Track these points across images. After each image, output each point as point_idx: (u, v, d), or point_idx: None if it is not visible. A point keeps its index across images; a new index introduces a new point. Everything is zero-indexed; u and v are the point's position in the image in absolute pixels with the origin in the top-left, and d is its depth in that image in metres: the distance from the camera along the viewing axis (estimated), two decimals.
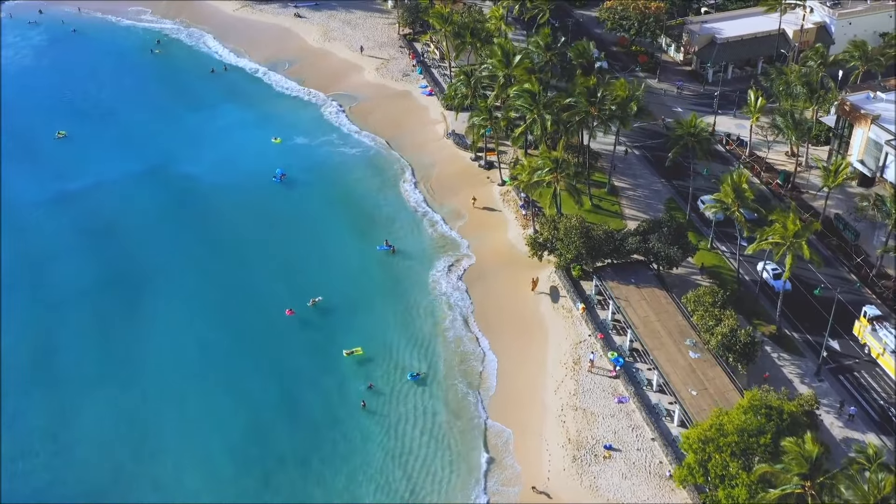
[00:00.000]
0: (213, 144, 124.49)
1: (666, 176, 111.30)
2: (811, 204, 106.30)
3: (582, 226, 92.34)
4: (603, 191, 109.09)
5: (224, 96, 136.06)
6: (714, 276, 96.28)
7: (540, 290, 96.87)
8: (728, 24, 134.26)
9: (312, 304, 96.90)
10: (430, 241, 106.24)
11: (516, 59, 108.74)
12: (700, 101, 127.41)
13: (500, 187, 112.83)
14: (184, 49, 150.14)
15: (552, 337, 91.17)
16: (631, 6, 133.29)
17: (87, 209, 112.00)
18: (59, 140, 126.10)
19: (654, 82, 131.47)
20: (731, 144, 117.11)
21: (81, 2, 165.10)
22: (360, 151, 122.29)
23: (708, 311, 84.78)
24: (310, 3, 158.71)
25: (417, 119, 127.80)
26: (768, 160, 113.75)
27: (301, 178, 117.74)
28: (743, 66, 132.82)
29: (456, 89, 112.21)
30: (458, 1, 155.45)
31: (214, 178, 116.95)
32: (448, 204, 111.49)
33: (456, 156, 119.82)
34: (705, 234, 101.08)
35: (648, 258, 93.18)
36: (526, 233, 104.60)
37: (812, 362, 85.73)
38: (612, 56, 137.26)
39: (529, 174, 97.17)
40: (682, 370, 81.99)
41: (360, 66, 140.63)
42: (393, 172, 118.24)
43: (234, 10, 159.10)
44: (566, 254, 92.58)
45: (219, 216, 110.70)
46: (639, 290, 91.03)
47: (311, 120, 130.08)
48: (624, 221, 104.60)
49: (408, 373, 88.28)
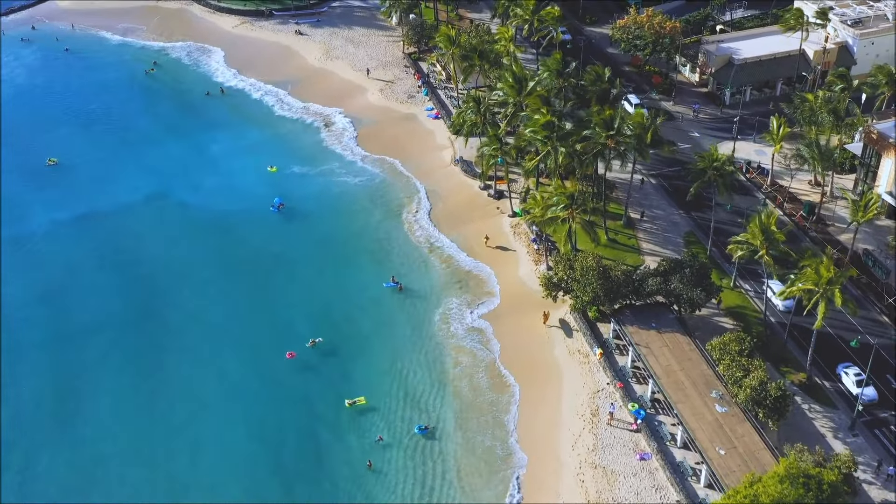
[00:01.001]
0: (208, 172, 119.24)
1: (684, 207, 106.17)
2: (838, 238, 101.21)
3: (599, 266, 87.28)
4: (619, 223, 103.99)
5: (221, 120, 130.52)
6: (738, 317, 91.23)
7: (551, 324, 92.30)
8: (745, 44, 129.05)
9: (312, 344, 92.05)
10: (438, 277, 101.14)
11: (528, 85, 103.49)
12: (718, 126, 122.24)
13: (511, 219, 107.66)
14: (180, 69, 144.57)
15: (568, 385, 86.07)
16: (645, 25, 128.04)
17: (74, 243, 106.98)
18: (49, 167, 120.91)
19: (669, 104, 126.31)
20: (752, 173, 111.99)
21: (76, 17, 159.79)
22: (364, 180, 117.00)
23: (735, 360, 79.72)
24: (311, 20, 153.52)
25: (423, 144, 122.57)
26: (791, 189, 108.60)
27: (301, 208, 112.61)
28: (761, 88, 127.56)
29: (464, 116, 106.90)
30: (464, 18, 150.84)
31: (210, 209, 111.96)
32: (457, 237, 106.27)
33: (464, 184, 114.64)
34: (728, 272, 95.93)
35: (670, 300, 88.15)
36: (538, 269, 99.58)
37: (845, 414, 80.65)
38: (625, 76, 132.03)
39: (543, 209, 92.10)
40: (709, 426, 76.88)
41: (364, 86, 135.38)
42: (398, 202, 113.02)
43: (232, 27, 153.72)
44: (583, 295, 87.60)
45: (213, 250, 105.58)
46: (660, 335, 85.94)
47: (311, 145, 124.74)
48: (642, 257, 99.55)
49: (415, 425, 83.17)
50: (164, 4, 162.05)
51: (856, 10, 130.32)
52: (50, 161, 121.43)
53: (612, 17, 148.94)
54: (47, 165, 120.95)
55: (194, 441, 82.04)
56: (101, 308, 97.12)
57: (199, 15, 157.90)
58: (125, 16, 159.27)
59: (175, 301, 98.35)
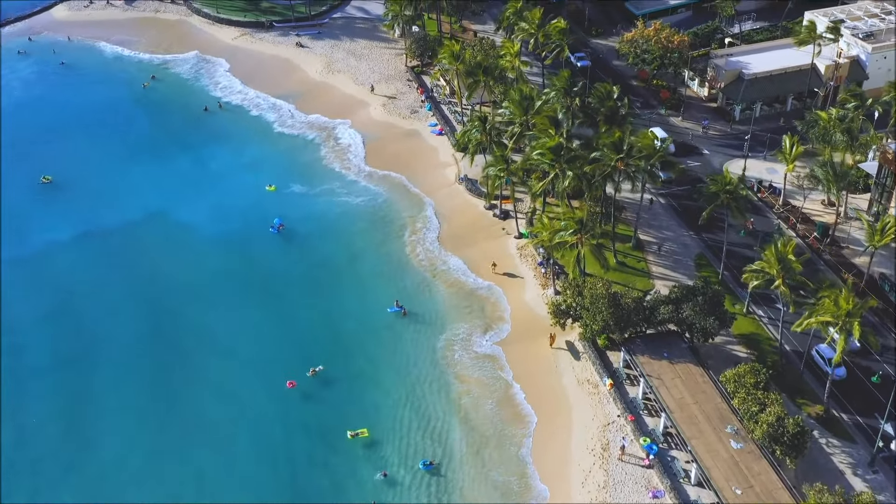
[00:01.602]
0: (206, 191, 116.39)
1: (695, 228, 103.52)
2: (853, 261, 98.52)
3: (609, 293, 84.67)
4: (628, 245, 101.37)
5: (218, 136, 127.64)
6: (752, 344, 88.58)
7: (558, 346, 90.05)
8: (755, 58, 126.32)
9: (313, 373, 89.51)
10: (443, 302, 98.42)
11: (535, 104, 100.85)
12: (727, 142, 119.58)
13: (517, 240, 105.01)
14: (177, 83, 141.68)
15: (577, 417, 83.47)
16: (653, 39, 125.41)
17: (69, 264, 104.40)
18: (43, 185, 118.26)
19: (678, 120, 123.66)
20: (764, 192, 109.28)
21: (73, 29, 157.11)
22: (366, 199, 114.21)
23: (750, 393, 77.11)
24: (312, 32, 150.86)
25: (427, 161, 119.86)
26: (804, 210, 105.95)
27: (301, 229, 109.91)
28: (772, 104, 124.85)
29: (469, 135, 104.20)
30: (468, 30, 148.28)
31: (206, 230, 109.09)
32: (462, 259, 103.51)
33: (468, 203, 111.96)
34: (740, 297, 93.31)
35: (682, 328, 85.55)
36: (545, 293, 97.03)
37: (865, 450, 77.97)
38: (632, 91, 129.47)
39: (551, 234, 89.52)
40: (724, 463, 74.28)
41: (366, 101, 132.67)
42: (401, 222, 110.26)
43: (232, 40, 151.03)
44: (592, 324, 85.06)
45: (210, 273, 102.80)
46: (672, 366, 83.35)
47: (311, 162, 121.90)
48: (652, 281, 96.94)
49: (420, 460, 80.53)
50: (161, 16, 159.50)
51: (867, 22, 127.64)
52: (44, 179, 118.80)
53: (615, 26, 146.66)
54: (41, 183, 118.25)
55: (189, 481, 79.10)
56: (92, 334, 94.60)
57: (197, 26, 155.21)
58: (122, 27, 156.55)
59: (169, 328, 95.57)
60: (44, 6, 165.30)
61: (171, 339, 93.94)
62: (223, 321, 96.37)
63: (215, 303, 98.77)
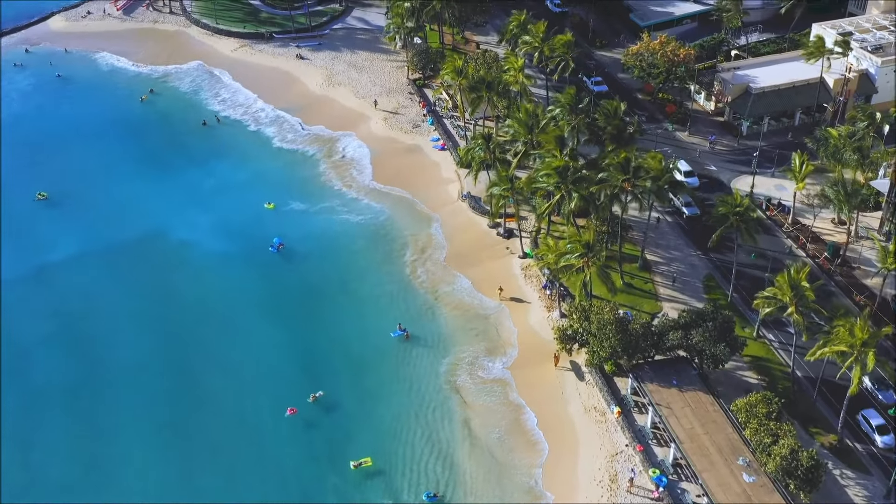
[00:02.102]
0: (203, 209, 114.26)
1: (703, 248, 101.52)
2: (864, 282, 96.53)
3: (617, 319, 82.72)
4: (634, 266, 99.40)
5: (217, 152, 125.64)
6: (763, 370, 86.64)
7: (563, 367, 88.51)
8: (763, 72, 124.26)
9: (313, 399, 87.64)
10: (446, 325, 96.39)
11: (540, 122, 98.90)
12: (735, 158, 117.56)
13: (521, 260, 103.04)
14: (175, 96, 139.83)
15: (584, 446, 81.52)
16: (658, 53, 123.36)
17: (61, 286, 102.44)
18: (38, 202, 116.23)
19: (685, 135, 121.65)
20: (772, 210, 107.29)
21: (69, 40, 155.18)
22: (367, 217, 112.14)
23: (762, 424, 75.05)
24: (312, 43, 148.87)
25: (429, 178, 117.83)
26: (814, 228, 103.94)
27: (301, 248, 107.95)
28: (779, 118, 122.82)
29: (473, 154, 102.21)
30: (471, 41, 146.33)
31: (204, 250, 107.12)
32: (466, 280, 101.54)
33: (471, 222, 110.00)
34: (750, 320, 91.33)
35: (691, 354, 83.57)
36: (551, 316, 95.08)
37: (880, 481, 76.07)
38: (638, 105, 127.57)
39: (557, 257, 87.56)
40: (736, 497, 72.35)
41: (367, 115, 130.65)
42: (403, 241, 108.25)
43: (231, 51, 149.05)
44: (599, 350, 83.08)
45: (208, 295, 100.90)
46: (681, 394, 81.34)
47: (311, 179, 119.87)
48: (659, 303, 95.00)
49: (423, 492, 78.54)
50: (160, 27, 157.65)
51: (875, 35, 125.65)
52: (39, 196, 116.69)
53: (618, 36, 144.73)
54: (36, 200, 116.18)
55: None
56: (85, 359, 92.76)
57: (196, 38, 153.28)
58: (120, 39, 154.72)
59: (164, 353, 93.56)
60: (41, 16, 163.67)
61: (166, 365, 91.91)
62: (222, 344, 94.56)
63: (213, 326, 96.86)
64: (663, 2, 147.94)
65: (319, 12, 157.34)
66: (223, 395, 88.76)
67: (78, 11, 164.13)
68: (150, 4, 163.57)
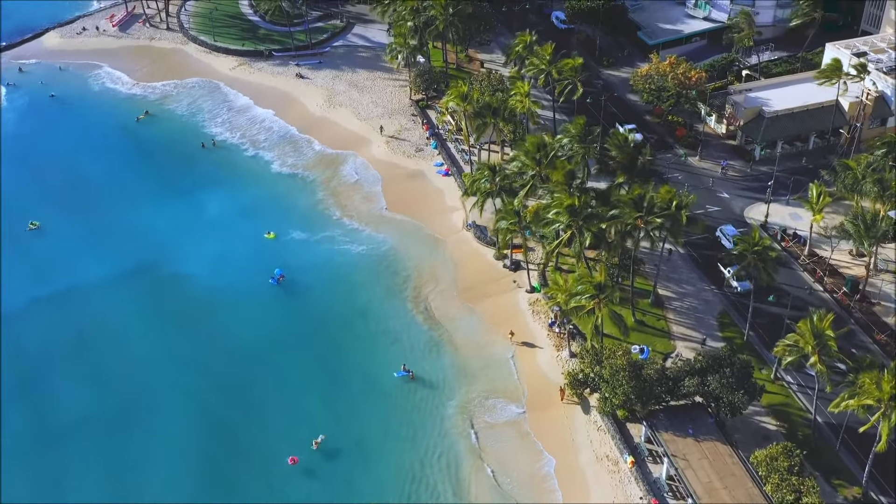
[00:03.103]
0: (201, 239, 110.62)
1: (717, 281, 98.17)
2: (885, 320, 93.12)
3: (630, 364, 79.34)
4: (646, 302, 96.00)
5: (214, 178, 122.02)
6: (781, 416, 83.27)
7: (570, 401, 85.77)
8: (775, 94, 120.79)
9: (316, 445, 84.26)
10: (452, 364, 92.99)
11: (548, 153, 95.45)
12: (748, 184, 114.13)
13: (529, 294, 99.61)
14: (171, 117, 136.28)
15: (596, 497, 78.15)
16: (668, 75, 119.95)
17: (54, 322, 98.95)
18: (31, 232, 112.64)
19: (695, 160, 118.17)
20: (788, 241, 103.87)
21: (64, 58, 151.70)
22: (369, 248, 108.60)
23: (784, 479, 71.68)
24: (312, 62, 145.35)
25: (432, 206, 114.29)
26: (831, 261, 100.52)
27: (302, 281, 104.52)
28: (793, 142, 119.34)
29: (478, 185, 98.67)
30: (474, 59, 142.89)
31: (202, 283, 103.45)
32: (472, 316, 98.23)
33: (477, 253, 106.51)
34: (768, 361, 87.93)
35: (707, 401, 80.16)
36: (560, 355, 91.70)
37: None
38: (647, 128, 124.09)
39: (567, 297, 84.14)
40: None
41: (368, 138, 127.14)
42: (407, 274, 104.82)
43: (230, 69, 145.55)
44: (612, 398, 79.69)
45: (207, 329, 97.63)
46: (698, 443, 77.90)
47: (311, 206, 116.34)
48: (672, 342, 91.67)
49: None
50: (156, 44, 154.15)
51: (891, 55, 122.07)
52: (31, 225, 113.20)
53: (622, 51, 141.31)
54: (28, 230, 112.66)
55: None
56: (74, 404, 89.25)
57: (193, 56, 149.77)
58: (116, 57, 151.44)
59: (158, 395, 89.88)
60: (35, 33, 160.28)
61: (160, 412, 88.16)
62: (217, 389, 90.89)
63: (208, 367, 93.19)
64: (672, 19, 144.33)
65: (319, 29, 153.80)
66: (218, 441, 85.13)
67: (73, 27, 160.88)
68: (146, 20, 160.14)
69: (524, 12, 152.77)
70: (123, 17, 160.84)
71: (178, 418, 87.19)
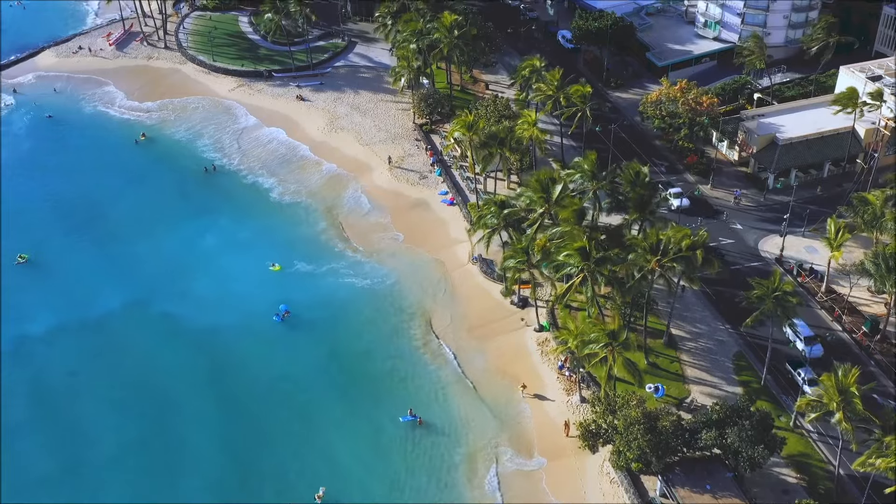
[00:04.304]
0: (201, 271, 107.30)
1: (731, 320, 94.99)
2: None
3: (645, 416, 76.23)
4: (659, 342, 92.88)
5: (214, 205, 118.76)
6: (801, 467, 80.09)
7: (573, 434, 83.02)
8: (789, 120, 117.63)
9: (318, 499, 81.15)
10: (461, 409, 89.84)
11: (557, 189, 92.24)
12: (762, 215, 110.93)
13: (538, 333, 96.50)
14: (169, 141, 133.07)
15: None
16: (680, 100, 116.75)
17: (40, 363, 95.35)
18: (18, 266, 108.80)
19: (707, 188, 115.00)
20: (804, 277, 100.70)
21: (58, 80, 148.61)
22: (374, 282, 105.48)
23: None
24: (314, 83, 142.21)
25: (436, 238, 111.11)
26: (850, 298, 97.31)
27: (306, 317, 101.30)
28: (807, 170, 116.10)
29: (485, 221, 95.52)
30: (479, 81, 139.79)
31: (202, 321, 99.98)
32: (479, 358, 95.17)
33: (483, 288, 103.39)
34: (787, 408, 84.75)
35: (726, 455, 76.99)
36: (570, 400, 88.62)
37: None
38: (656, 153, 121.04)
39: (580, 346, 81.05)
40: None
41: (370, 165, 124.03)
42: (413, 310, 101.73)
43: (229, 91, 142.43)
44: (626, 452, 76.52)
45: (204, 374, 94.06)
46: (716, 500, 74.73)
47: (314, 237, 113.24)
48: (687, 386, 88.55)
49: None
50: (154, 63, 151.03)
51: None
52: (20, 258, 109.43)
53: (627, 68, 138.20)
54: (16, 264, 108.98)
55: None
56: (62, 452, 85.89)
57: (192, 77, 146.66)
58: (112, 77, 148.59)
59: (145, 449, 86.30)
60: (31, 52, 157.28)
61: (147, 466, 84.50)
62: (215, 436, 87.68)
63: (205, 412, 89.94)
64: (681, 39, 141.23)
65: (321, 48, 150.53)
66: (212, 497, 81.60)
67: (69, 46, 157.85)
68: (143, 39, 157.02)
69: (530, 32, 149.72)
70: (120, 36, 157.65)
71: (168, 468, 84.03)
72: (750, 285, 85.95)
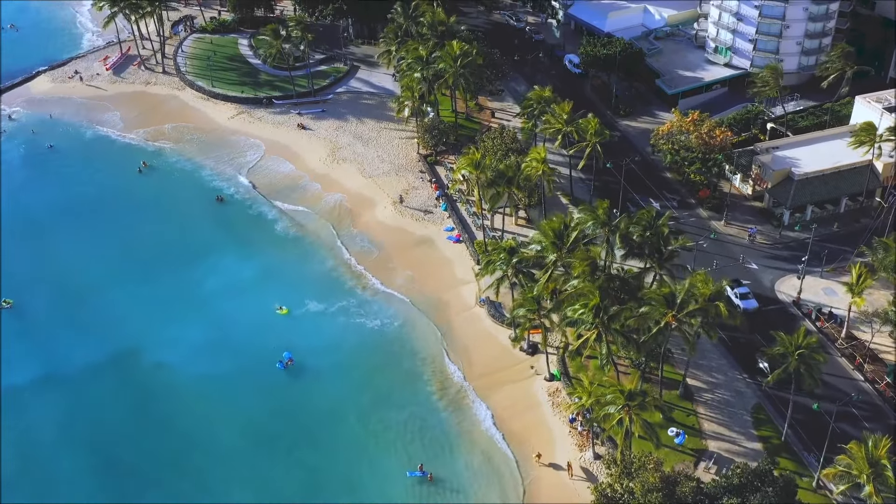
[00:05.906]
0: (199, 316, 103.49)
1: (750, 370, 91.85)
2: None
3: (663, 481, 73.10)
4: (675, 393, 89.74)
5: (217, 241, 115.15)
6: None
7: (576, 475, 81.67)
8: (804, 153, 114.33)
9: None
10: (471, 464, 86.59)
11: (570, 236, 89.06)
12: (777, 253, 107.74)
13: (548, 383, 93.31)
14: (170, 171, 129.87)
15: None
16: (692, 133, 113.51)
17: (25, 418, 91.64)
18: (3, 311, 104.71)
19: (720, 224, 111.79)
20: (823, 321, 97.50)
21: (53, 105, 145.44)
22: (381, 325, 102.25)
23: None
24: (315, 110, 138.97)
25: (442, 278, 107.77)
26: (871, 345, 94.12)
27: (310, 365, 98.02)
28: (823, 205, 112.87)
29: (495, 266, 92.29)
30: (485, 108, 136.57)
31: (199, 373, 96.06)
32: (488, 407, 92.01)
33: (490, 333, 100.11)
34: (809, 466, 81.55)
35: None
36: (583, 456, 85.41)
37: None
38: (667, 186, 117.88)
39: (596, 407, 77.93)
40: None
41: (373, 199, 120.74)
42: (420, 357, 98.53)
43: (228, 119, 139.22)
44: None
45: (200, 430, 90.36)
46: None
47: (320, 276, 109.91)
48: (703, 441, 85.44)
49: None
50: (151, 89, 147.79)
51: None
52: (4, 304, 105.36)
53: (632, 87, 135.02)
54: None
55: None
56: None
57: (190, 104, 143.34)
58: (109, 103, 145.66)
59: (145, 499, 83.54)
60: (25, 76, 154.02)
61: None
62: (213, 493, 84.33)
63: (202, 472, 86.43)
64: (691, 65, 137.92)
65: (322, 73, 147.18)
66: None
67: (65, 71, 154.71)
68: (141, 63, 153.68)
69: (537, 58, 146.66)
70: (117, 60, 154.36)
71: None
72: (768, 333, 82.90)
